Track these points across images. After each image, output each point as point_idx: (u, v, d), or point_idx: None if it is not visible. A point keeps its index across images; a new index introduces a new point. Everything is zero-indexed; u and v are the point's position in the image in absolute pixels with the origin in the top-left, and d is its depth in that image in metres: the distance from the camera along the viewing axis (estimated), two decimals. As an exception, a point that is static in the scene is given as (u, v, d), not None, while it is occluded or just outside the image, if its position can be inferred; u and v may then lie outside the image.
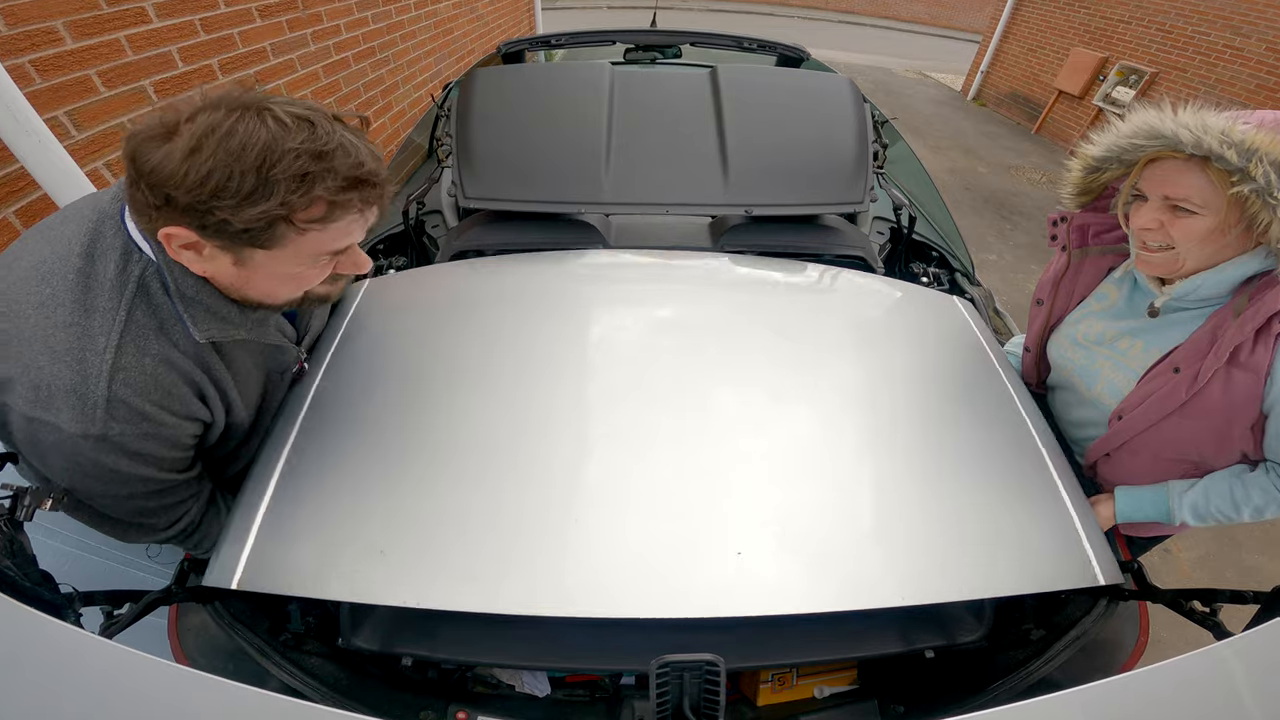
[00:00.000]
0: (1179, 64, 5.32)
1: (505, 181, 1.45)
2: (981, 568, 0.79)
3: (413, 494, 0.84)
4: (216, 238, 0.64)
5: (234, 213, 0.61)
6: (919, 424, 0.99)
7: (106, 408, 0.67)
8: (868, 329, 1.22)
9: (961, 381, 1.10)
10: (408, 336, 1.14)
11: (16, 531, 0.61)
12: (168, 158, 0.58)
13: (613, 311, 1.23)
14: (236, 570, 0.75)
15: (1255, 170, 0.70)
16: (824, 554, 0.79)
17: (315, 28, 2.45)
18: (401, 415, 0.96)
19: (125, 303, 0.68)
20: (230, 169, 0.59)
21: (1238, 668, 0.51)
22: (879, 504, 0.86)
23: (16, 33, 1.33)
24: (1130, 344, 0.95)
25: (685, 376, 1.05)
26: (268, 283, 0.73)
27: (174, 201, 0.60)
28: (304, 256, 0.70)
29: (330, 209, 0.65)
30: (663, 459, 0.90)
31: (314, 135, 0.62)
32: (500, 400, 0.99)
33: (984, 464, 0.93)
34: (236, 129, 0.59)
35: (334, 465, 0.88)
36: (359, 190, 0.66)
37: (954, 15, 15.47)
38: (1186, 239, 0.80)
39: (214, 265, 0.69)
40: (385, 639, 0.84)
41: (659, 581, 0.76)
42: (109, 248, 0.68)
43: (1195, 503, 0.90)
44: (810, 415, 0.99)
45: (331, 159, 0.63)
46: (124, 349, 0.67)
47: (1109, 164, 0.88)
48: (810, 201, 1.48)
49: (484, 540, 0.79)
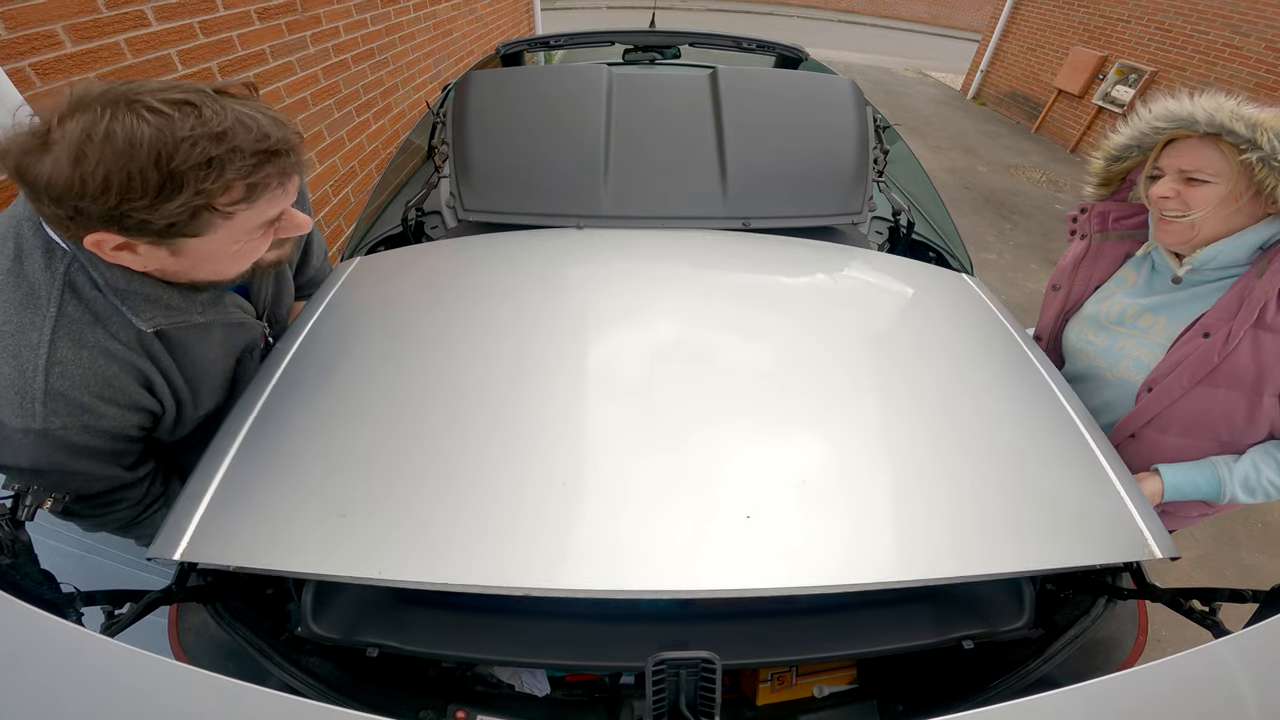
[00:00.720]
0: (1178, 63, 5.32)
1: (503, 194, 1.44)
2: (1021, 543, 0.72)
3: (384, 462, 0.78)
4: (143, 236, 0.63)
5: (150, 212, 0.59)
6: (946, 394, 0.93)
7: (44, 401, 0.67)
8: (883, 301, 1.20)
9: (982, 353, 1.04)
10: (390, 309, 1.10)
11: (18, 531, 0.61)
12: (56, 169, 0.56)
13: (610, 282, 1.20)
14: (181, 541, 0.69)
15: (1261, 139, 0.79)
16: (844, 525, 0.72)
17: (314, 30, 2.46)
18: (376, 385, 0.90)
19: (55, 298, 0.67)
20: (126, 170, 0.56)
21: (1237, 666, 0.51)
22: (903, 474, 0.79)
23: (16, 36, 1.33)
24: (1153, 320, 0.98)
25: (688, 343, 0.99)
26: (212, 264, 0.71)
27: (85, 211, 0.58)
28: (238, 234, 0.68)
29: (249, 190, 0.64)
30: (665, 425, 0.83)
31: (202, 118, 0.59)
32: (483, 366, 0.93)
33: (1016, 435, 0.86)
34: (114, 129, 0.56)
35: (300, 435, 0.82)
36: (272, 163, 0.64)
37: (954, 14, 15.47)
38: (1201, 205, 0.87)
39: (153, 260, 0.68)
40: (350, 628, 0.78)
41: (661, 553, 0.68)
42: (31, 248, 0.67)
43: (1246, 475, 0.91)
44: (826, 385, 0.93)
45: (233, 138, 0.60)
46: (57, 343, 0.67)
47: (1130, 152, 0.97)
48: (808, 213, 1.48)
49: (460, 509, 0.72)
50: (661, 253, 1.30)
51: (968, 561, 0.69)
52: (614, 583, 0.65)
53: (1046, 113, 6.77)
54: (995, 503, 0.76)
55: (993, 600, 0.83)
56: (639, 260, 1.28)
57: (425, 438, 0.81)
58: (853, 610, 0.84)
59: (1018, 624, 0.80)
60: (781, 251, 1.34)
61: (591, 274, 1.23)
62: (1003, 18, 7.59)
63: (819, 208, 1.49)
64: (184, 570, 0.78)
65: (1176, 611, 0.75)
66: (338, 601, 0.80)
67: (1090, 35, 6.33)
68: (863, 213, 1.50)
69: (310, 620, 0.77)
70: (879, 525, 0.73)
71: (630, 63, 2.33)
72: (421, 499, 0.73)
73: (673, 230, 1.41)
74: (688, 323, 1.05)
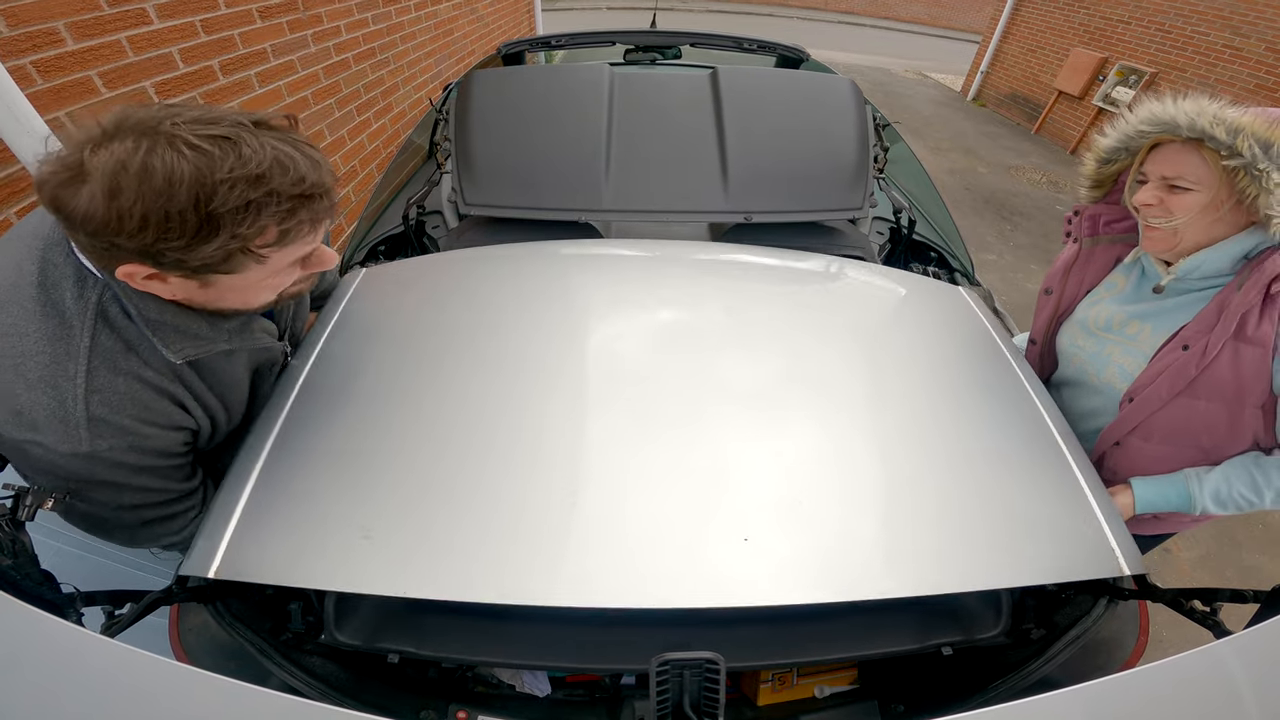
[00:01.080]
0: (1178, 64, 5.32)
1: (505, 188, 1.45)
2: (1000, 557, 0.76)
3: (403, 481, 0.81)
4: (176, 271, 0.63)
5: (185, 253, 0.59)
6: (930, 411, 0.96)
7: (89, 426, 0.67)
8: (875, 316, 1.21)
9: (971, 369, 1.07)
10: (401, 323, 1.12)
11: (18, 531, 0.61)
12: (92, 203, 0.55)
13: (613, 296, 1.21)
14: (214, 560, 0.72)
15: (1242, 145, 0.77)
16: (836, 542, 0.76)
17: (315, 29, 2.46)
18: (393, 402, 0.92)
19: (88, 329, 0.67)
20: (164, 210, 0.56)
21: (1237, 666, 0.51)
22: (891, 491, 0.84)
23: (18, 34, 1.33)
24: (1139, 328, 0.97)
25: (687, 361, 1.02)
26: (240, 295, 0.72)
27: (121, 247, 0.58)
28: (268, 273, 0.69)
29: (282, 235, 0.64)
30: (667, 442, 0.86)
31: (241, 158, 0.57)
32: (494, 382, 0.95)
33: (999, 451, 0.90)
34: (152, 165, 0.55)
35: (321, 452, 0.85)
36: (307, 207, 0.64)
37: (954, 15, 15.48)
38: (1183, 212, 0.85)
39: (182, 290, 0.68)
40: (371, 634, 0.81)
41: (662, 569, 0.72)
42: (62, 276, 0.67)
43: (1217, 488, 0.91)
44: (818, 401, 0.96)
45: (270, 180, 0.59)
46: (94, 372, 0.67)
47: (1119, 154, 0.94)
48: (809, 208, 1.48)
49: (476, 527, 0.75)
50: (663, 268, 1.31)
51: (951, 577, 0.73)
52: (624, 600, 0.70)
53: (1046, 114, 6.77)
54: (978, 520, 0.80)
55: (972, 609, 0.87)
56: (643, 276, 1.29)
57: (443, 455, 0.84)
58: (845, 616, 0.85)
59: (994, 631, 0.84)
60: (778, 268, 1.34)
61: (598, 287, 1.24)
62: (1003, 19, 7.60)
63: (821, 202, 1.49)
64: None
65: (1178, 612, 0.75)
66: (359, 610, 0.83)
67: (1090, 37, 6.33)
68: (864, 208, 1.49)
69: (334, 628, 0.80)
70: (870, 544, 0.77)
71: (631, 63, 2.33)
72: (443, 516, 0.77)
73: (675, 242, 1.41)
74: (692, 342, 1.06)
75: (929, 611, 0.86)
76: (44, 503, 0.65)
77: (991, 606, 0.86)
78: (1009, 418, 0.97)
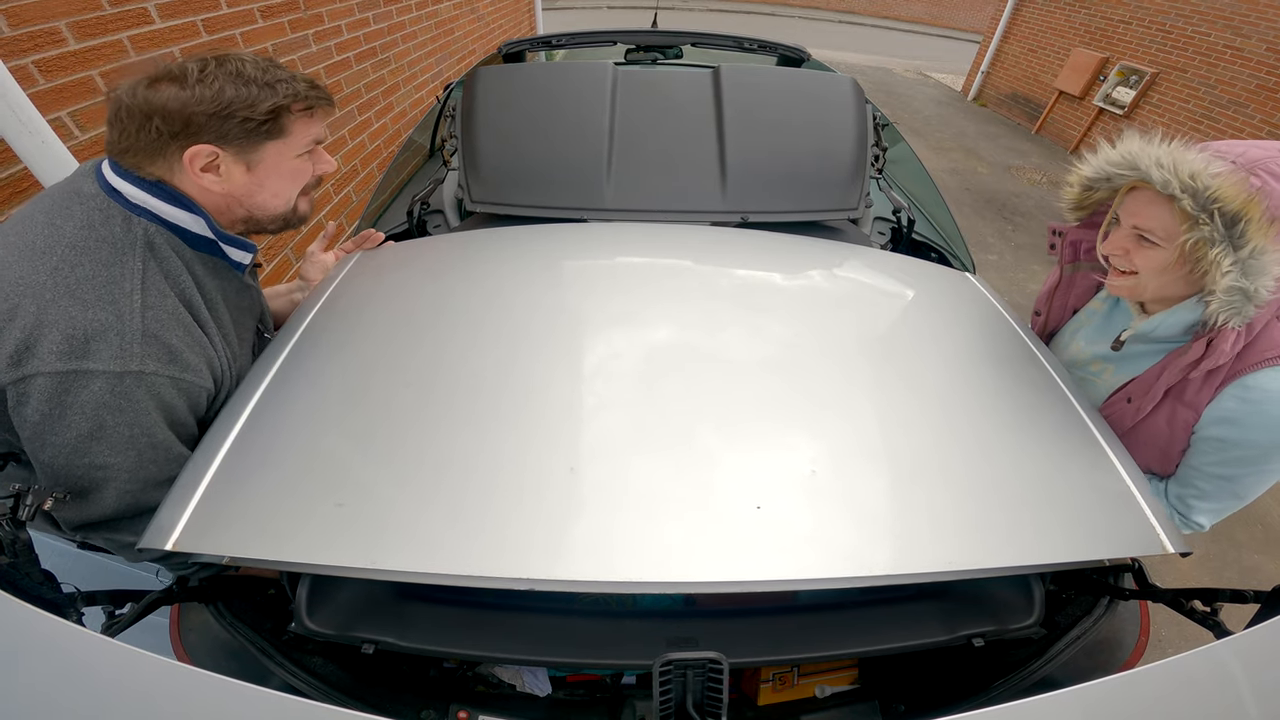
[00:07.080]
0: (1179, 64, 5.31)
1: (510, 186, 1.46)
2: (1039, 536, 0.71)
3: (381, 453, 0.76)
4: (236, 142, 0.78)
5: (251, 109, 0.76)
6: (954, 388, 0.93)
7: (143, 341, 0.73)
8: (890, 297, 1.20)
9: (991, 349, 1.04)
10: (391, 299, 1.10)
11: (19, 531, 0.61)
12: (180, 88, 0.73)
13: (613, 274, 1.20)
14: (174, 531, 0.66)
15: (1203, 222, 0.74)
16: (856, 516, 0.71)
17: (317, 28, 2.46)
18: (379, 374, 0.89)
19: (139, 254, 0.76)
20: (238, 85, 0.76)
21: (1237, 666, 0.51)
22: (920, 464, 0.78)
23: (20, 33, 1.33)
24: (1102, 367, 1.01)
25: (692, 333, 0.98)
26: (278, 180, 0.85)
27: (194, 120, 0.74)
28: (299, 144, 0.85)
29: (308, 101, 0.84)
30: (671, 411, 0.82)
31: (274, 62, 0.83)
32: (484, 355, 0.92)
33: (1029, 429, 0.86)
34: (227, 62, 0.77)
35: (300, 424, 0.80)
36: (316, 91, 0.85)
37: (954, 15, 15.47)
38: (1146, 268, 0.84)
39: (229, 181, 0.80)
40: (345, 623, 0.76)
41: (666, 542, 0.67)
42: (108, 216, 0.75)
43: None
44: (834, 375, 0.92)
45: (293, 75, 0.83)
46: (148, 289, 0.75)
47: (1099, 184, 0.92)
48: (805, 209, 1.49)
49: (461, 499, 0.70)
50: (665, 246, 1.31)
51: (979, 555, 0.67)
52: (621, 574, 0.63)
53: (1047, 114, 6.77)
54: (1006, 497, 0.75)
55: (1003, 598, 0.82)
56: (642, 254, 1.29)
57: (424, 427, 0.79)
58: (861, 608, 0.83)
59: (1028, 622, 0.79)
60: (787, 247, 1.35)
61: (593, 266, 1.24)
62: (1003, 19, 7.60)
63: (816, 203, 1.50)
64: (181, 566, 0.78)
65: (1178, 612, 0.75)
66: (334, 597, 0.78)
67: (1091, 36, 6.33)
68: (859, 209, 1.51)
69: (305, 615, 0.75)
70: (888, 518, 0.71)
71: (632, 62, 2.33)
72: (420, 489, 0.71)
73: (676, 224, 1.42)
74: (694, 316, 1.04)
75: (959, 601, 0.83)
76: (45, 502, 0.65)
77: (1024, 595, 0.81)
78: (1032, 396, 0.93)
